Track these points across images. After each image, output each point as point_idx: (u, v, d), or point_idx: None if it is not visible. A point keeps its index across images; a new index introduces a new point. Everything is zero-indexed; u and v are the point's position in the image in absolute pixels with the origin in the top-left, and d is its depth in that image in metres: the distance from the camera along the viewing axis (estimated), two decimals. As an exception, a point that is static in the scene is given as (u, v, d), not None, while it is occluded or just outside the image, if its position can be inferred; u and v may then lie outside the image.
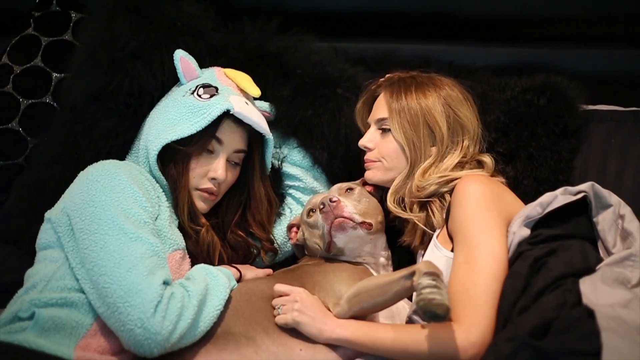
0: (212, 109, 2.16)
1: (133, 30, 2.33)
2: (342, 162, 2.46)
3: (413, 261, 2.28)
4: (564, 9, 2.82)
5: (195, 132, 2.14)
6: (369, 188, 2.33)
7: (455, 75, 2.55)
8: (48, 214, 2.05)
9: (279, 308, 2.00)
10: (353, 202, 2.18)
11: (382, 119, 2.25)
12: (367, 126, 2.35)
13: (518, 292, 1.84)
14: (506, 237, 1.99)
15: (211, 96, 2.19)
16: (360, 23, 2.91)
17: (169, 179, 2.17)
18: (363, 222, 2.14)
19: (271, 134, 2.29)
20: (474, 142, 2.25)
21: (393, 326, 1.98)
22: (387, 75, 2.36)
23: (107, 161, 2.12)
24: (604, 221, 1.95)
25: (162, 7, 2.38)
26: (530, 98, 2.50)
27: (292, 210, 2.45)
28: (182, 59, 2.28)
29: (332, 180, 2.49)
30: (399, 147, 2.22)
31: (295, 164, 2.46)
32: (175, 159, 2.17)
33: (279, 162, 2.46)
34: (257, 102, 2.39)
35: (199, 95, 2.20)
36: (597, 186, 1.98)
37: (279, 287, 2.05)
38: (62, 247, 1.98)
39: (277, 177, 2.45)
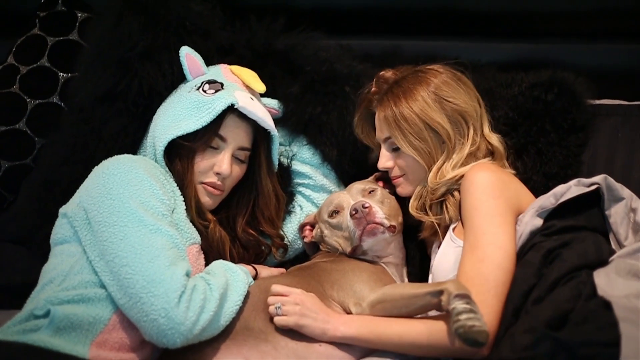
0: (216, 104, 2.17)
1: (141, 30, 2.32)
2: (351, 159, 2.47)
3: (424, 253, 2.30)
4: (568, 4, 2.84)
5: (200, 127, 2.15)
6: (380, 184, 2.35)
7: (461, 71, 2.57)
8: (63, 209, 2.05)
9: (277, 308, 1.99)
10: (379, 205, 2.19)
11: (388, 138, 2.25)
12: (369, 139, 2.36)
13: (529, 281, 1.86)
14: (514, 225, 2.01)
15: (216, 91, 2.20)
16: (365, 20, 2.92)
17: (176, 175, 2.17)
18: (390, 226, 2.17)
19: (276, 131, 2.29)
20: (480, 124, 2.23)
21: (398, 320, 1.98)
22: (374, 87, 2.33)
23: (122, 155, 2.12)
24: (616, 214, 1.96)
25: (169, 6, 2.38)
26: (538, 94, 2.50)
27: (303, 208, 2.46)
28: (188, 56, 2.28)
29: (341, 177, 2.50)
30: (414, 160, 2.21)
31: (305, 162, 2.47)
32: (180, 154, 2.18)
33: (288, 160, 2.46)
34: (265, 100, 2.40)
35: (204, 91, 2.21)
36: (610, 179, 1.99)
37: (276, 287, 2.04)
38: (79, 241, 1.98)
39: (286, 175, 2.45)
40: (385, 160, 2.28)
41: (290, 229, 2.43)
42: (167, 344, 1.86)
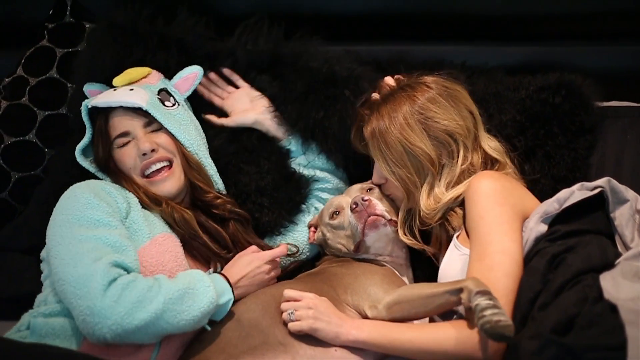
0: (82, 114, 2.32)
1: (112, 67, 2.42)
2: (355, 162, 2.48)
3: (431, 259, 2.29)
4: (574, 6, 2.82)
5: (84, 143, 2.32)
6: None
7: (469, 75, 2.57)
8: (42, 254, 2.15)
9: (291, 313, 1.99)
10: (378, 200, 2.21)
11: None
12: (367, 150, 2.32)
13: (535, 288, 1.85)
14: (520, 232, 2.00)
15: None
16: (372, 26, 2.92)
17: (117, 182, 2.25)
18: (391, 220, 2.18)
19: (140, 102, 2.27)
20: (473, 139, 2.20)
21: (410, 326, 1.98)
22: (374, 94, 2.33)
23: (71, 186, 2.17)
24: (621, 216, 1.95)
25: (142, 38, 2.49)
26: (546, 97, 2.49)
27: (318, 209, 2.47)
28: (90, 92, 2.41)
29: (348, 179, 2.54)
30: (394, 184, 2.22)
31: (323, 169, 2.50)
32: (104, 168, 2.29)
33: (306, 169, 2.50)
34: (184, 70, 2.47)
35: None
36: (614, 181, 1.98)
37: (289, 292, 2.04)
38: None
39: (299, 182, 2.49)
40: (378, 177, 2.28)
41: (304, 230, 2.46)
42: (99, 340, 1.87)
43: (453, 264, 2.10)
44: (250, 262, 2.20)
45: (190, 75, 2.46)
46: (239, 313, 2.06)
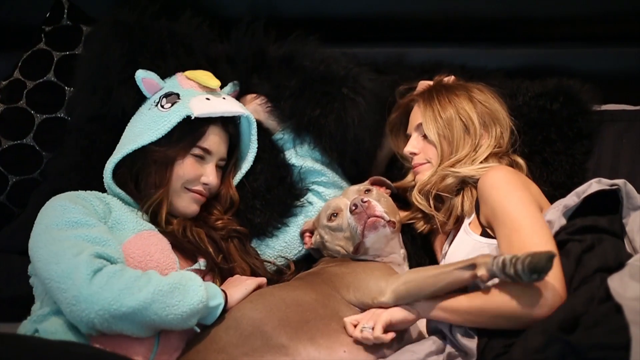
0: (172, 117, 2.25)
1: (124, 58, 2.40)
2: (352, 162, 2.47)
3: (433, 260, 2.28)
4: (574, 9, 2.83)
5: (155, 139, 2.23)
6: (379, 188, 2.37)
7: (468, 78, 2.57)
8: (29, 270, 2.16)
9: (364, 328, 1.98)
10: (376, 201, 2.20)
11: (420, 124, 2.32)
12: (398, 136, 2.45)
13: None
14: (541, 215, 2.00)
15: (173, 104, 2.27)
16: (370, 28, 2.93)
17: (148, 185, 2.26)
18: (390, 221, 2.18)
19: (246, 112, 2.34)
20: (507, 132, 2.30)
21: (464, 295, 1.95)
22: (419, 88, 2.44)
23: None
24: (633, 222, 1.96)
25: (152, 31, 2.46)
26: (543, 103, 2.50)
27: (314, 204, 2.46)
28: (144, 80, 2.36)
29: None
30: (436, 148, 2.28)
31: (317, 160, 2.48)
32: (155, 161, 2.25)
33: (299, 166, 2.47)
34: (225, 88, 2.47)
35: (162, 106, 2.28)
36: (630, 186, 2.00)
37: (349, 319, 2.02)
38: None
39: (294, 183, 2.47)
40: (412, 146, 2.35)
41: (296, 231, 2.45)
42: (87, 326, 1.89)
43: (462, 247, 2.14)
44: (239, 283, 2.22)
45: (234, 93, 2.51)
46: (243, 313, 2.04)
